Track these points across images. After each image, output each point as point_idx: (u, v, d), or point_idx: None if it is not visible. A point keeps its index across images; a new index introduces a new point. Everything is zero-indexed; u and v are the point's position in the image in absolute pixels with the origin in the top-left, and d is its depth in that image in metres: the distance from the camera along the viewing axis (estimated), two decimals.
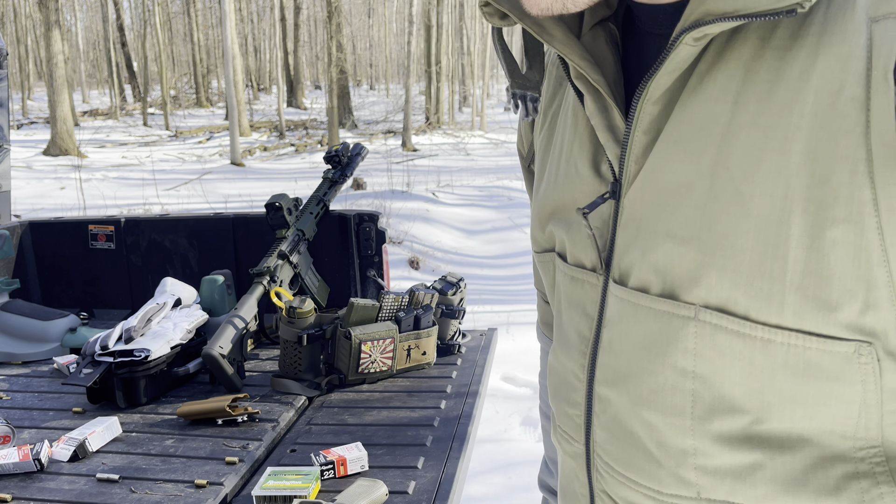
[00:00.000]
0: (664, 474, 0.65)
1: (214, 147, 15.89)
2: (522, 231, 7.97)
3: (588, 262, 0.70)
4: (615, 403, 0.67)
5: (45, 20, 14.14)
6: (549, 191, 0.75)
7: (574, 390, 0.73)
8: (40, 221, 2.61)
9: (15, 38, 29.35)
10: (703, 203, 0.59)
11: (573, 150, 0.71)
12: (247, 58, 33.97)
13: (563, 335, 0.74)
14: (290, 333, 1.86)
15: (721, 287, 0.58)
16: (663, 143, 0.61)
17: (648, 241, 0.62)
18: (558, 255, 0.76)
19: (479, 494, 2.83)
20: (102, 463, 1.49)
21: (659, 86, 0.61)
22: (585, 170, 0.69)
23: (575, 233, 0.71)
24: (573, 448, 0.75)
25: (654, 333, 0.63)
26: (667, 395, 0.63)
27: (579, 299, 0.71)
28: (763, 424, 0.59)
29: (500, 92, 36.85)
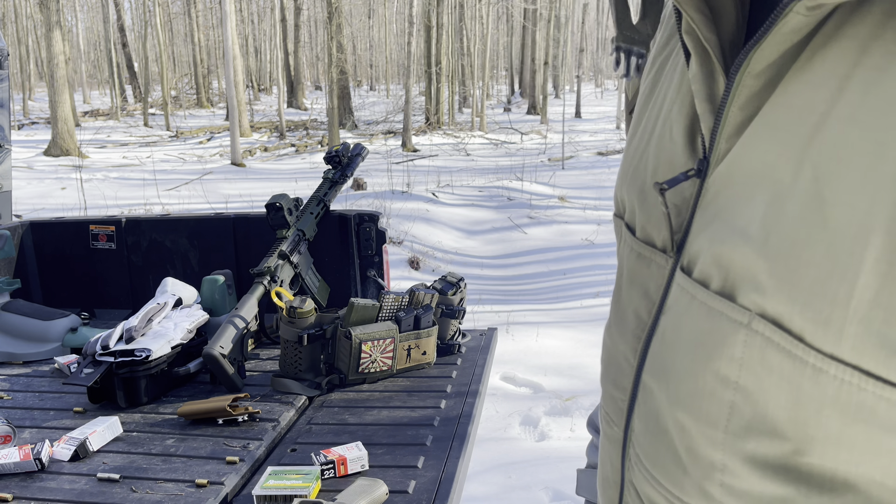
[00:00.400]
0: (688, 482, 0.61)
1: (215, 147, 15.90)
2: (522, 231, 7.97)
3: (659, 240, 0.64)
4: (656, 396, 0.64)
5: (46, 21, 14.15)
6: (638, 149, 0.69)
7: (622, 373, 0.69)
8: (41, 221, 2.61)
9: (16, 39, 29.36)
10: (780, 201, 0.52)
11: (672, 110, 0.64)
12: (247, 58, 33.99)
13: (620, 313, 0.70)
14: (291, 333, 1.86)
15: (778, 299, 0.52)
16: (757, 125, 0.55)
17: (719, 231, 0.56)
18: (626, 226, 0.70)
19: (479, 494, 2.83)
20: (103, 462, 1.50)
21: (763, 57, 0.53)
22: (679, 137, 0.62)
23: (650, 205, 0.65)
24: (612, 431, 0.72)
25: (703, 333, 0.58)
26: (703, 400, 0.58)
27: (643, 279, 0.66)
28: (804, 457, 0.53)
29: (500, 92, 36.85)
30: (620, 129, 17.92)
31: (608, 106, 26.73)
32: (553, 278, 6.39)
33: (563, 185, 10.36)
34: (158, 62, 23.84)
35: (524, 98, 28.27)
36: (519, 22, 27.24)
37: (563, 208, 8.92)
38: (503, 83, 43.07)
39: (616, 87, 24.85)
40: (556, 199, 9.36)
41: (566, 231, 7.90)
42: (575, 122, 19.96)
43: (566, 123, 15.08)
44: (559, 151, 13.54)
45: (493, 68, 40.73)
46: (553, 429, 3.37)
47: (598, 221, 8.13)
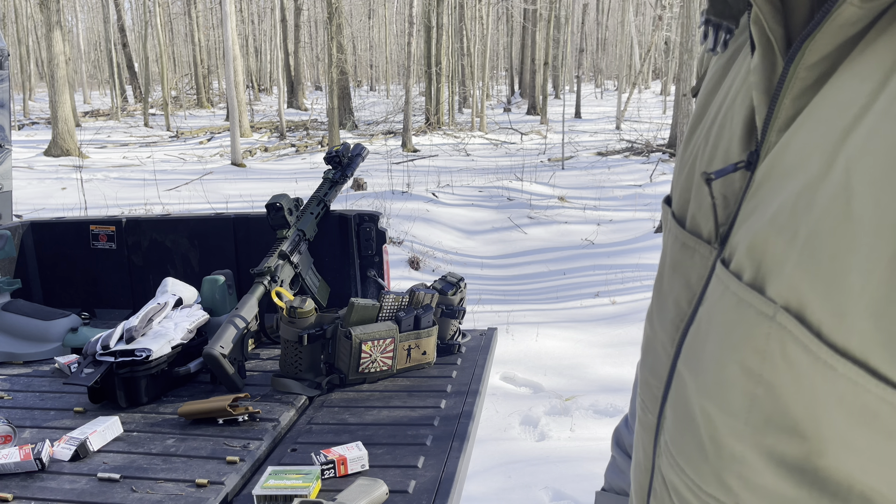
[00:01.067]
0: (708, 471, 0.61)
1: (215, 147, 15.91)
2: (522, 231, 7.97)
3: (706, 231, 0.63)
4: (687, 385, 0.64)
5: (47, 21, 14.15)
6: (699, 138, 0.68)
7: (659, 361, 0.69)
8: (42, 222, 2.61)
9: (16, 39, 29.37)
10: (811, 192, 0.51)
11: (736, 101, 0.63)
12: (247, 59, 33.99)
13: (661, 301, 0.70)
14: (291, 333, 1.86)
15: (802, 291, 0.51)
16: (804, 118, 0.54)
17: (755, 222, 0.56)
18: (672, 215, 0.70)
19: (478, 493, 2.83)
20: (103, 462, 1.50)
21: (817, 49, 0.53)
22: (738, 127, 0.61)
23: (702, 195, 0.64)
24: (647, 418, 0.72)
25: (732, 323, 0.58)
26: (727, 390, 0.58)
27: (685, 268, 0.66)
28: (822, 459, 0.52)
29: (500, 93, 36.85)
30: (620, 129, 17.91)
31: (608, 106, 26.73)
32: (553, 278, 6.39)
33: (562, 185, 10.36)
34: (159, 62, 23.85)
35: (524, 98, 28.27)
36: (519, 22, 27.24)
37: (562, 208, 8.92)
38: (503, 83, 43.07)
39: (615, 88, 24.88)
40: (556, 199, 9.36)
41: (566, 231, 7.90)
42: (575, 123, 19.96)
43: (566, 123, 15.08)
44: (559, 151, 13.54)
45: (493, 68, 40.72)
46: (553, 429, 3.38)
47: (598, 221, 8.14)
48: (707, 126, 0.67)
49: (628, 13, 27.27)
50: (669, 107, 22.47)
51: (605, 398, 3.69)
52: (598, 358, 4.21)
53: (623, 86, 21.61)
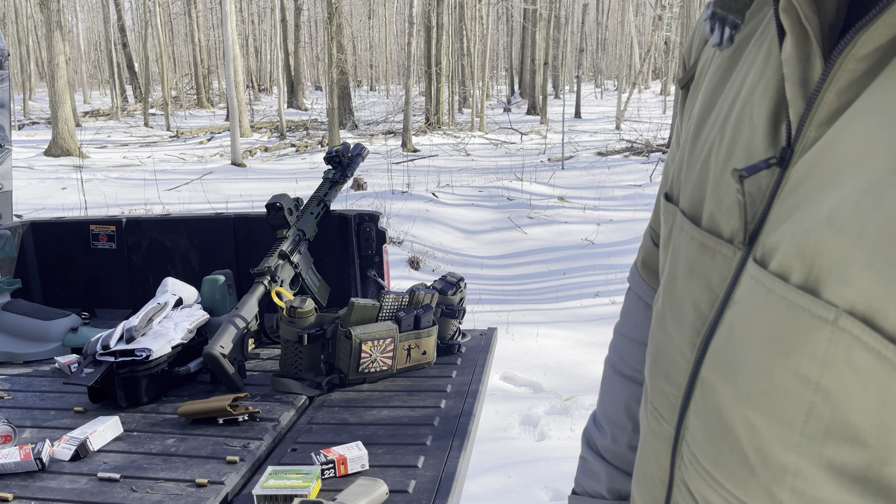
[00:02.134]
0: (755, 486, 0.57)
1: (215, 147, 15.91)
2: (522, 231, 7.97)
3: (727, 231, 0.61)
4: (720, 393, 0.60)
5: (47, 21, 14.15)
6: (711, 133, 0.64)
7: (677, 368, 0.66)
8: (42, 221, 2.61)
9: (16, 39, 29.37)
10: (877, 187, 0.48)
11: (755, 94, 0.61)
12: (248, 58, 34.00)
13: (675, 305, 0.67)
14: (291, 333, 1.86)
15: (872, 293, 0.48)
16: (856, 110, 0.51)
17: (803, 221, 0.53)
18: (683, 213, 0.66)
19: (478, 493, 2.83)
20: (104, 462, 1.50)
21: (871, 40, 0.50)
22: (761, 121, 0.59)
23: (722, 193, 0.61)
24: (661, 428, 0.69)
25: (782, 328, 0.54)
26: (779, 400, 0.54)
27: (704, 270, 0.63)
28: (886, 468, 0.50)
29: (500, 92, 36.84)
30: (620, 129, 17.91)
31: (608, 106, 26.73)
32: (553, 278, 6.39)
33: (562, 185, 10.36)
34: (159, 62, 23.85)
35: (524, 98, 28.27)
36: (519, 22, 27.24)
37: (562, 208, 8.92)
38: (503, 83, 43.07)
39: (615, 88, 24.85)
40: (556, 199, 9.36)
41: (566, 231, 7.90)
42: (575, 123, 19.97)
43: (566, 123, 15.08)
44: (559, 151, 13.54)
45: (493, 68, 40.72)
46: (553, 428, 3.38)
47: (598, 221, 8.14)
48: (719, 121, 0.65)
49: (628, 13, 27.26)
50: (669, 107, 22.47)
51: None
52: (598, 358, 4.21)
53: (623, 86, 21.62)
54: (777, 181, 0.56)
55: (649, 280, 0.91)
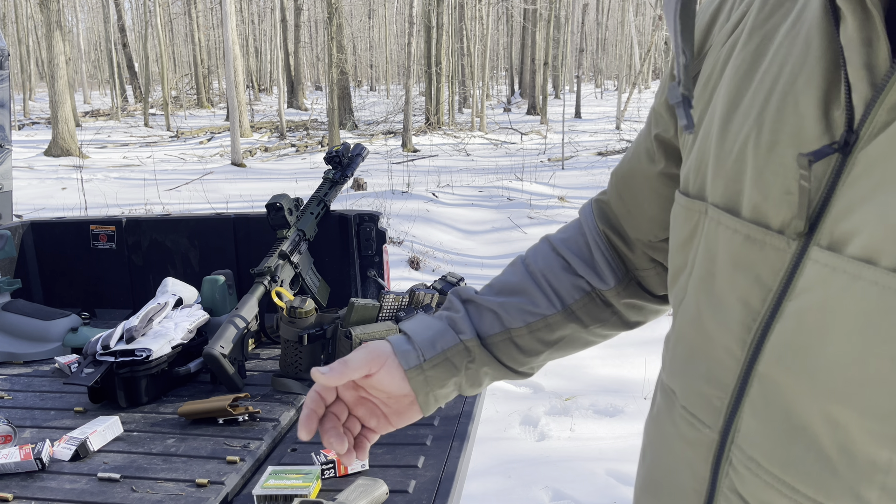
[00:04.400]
0: (837, 486, 0.54)
1: (215, 147, 15.91)
2: (522, 231, 7.97)
3: (777, 220, 0.58)
4: (788, 390, 0.57)
5: (47, 21, 14.16)
6: (744, 126, 0.62)
7: (722, 368, 0.62)
8: (42, 222, 2.61)
9: (16, 39, 29.38)
10: None
11: (797, 82, 0.59)
12: (248, 58, 34.00)
13: (715, 302, 0.63)
14: (291, 333, 1.86)
15: None
16: None
17: (891, 203, 0.51)
18: (717, 207, 0.64)
19: (478, 493, 2.83)
20: (104, 462, 1.50)
21: None
22: (810, 109, 0.57)
23: (767, 183, 0.59)
24: (697, 434, 0.65)
25: (875, 314, 0.51)
26: (872, 390, 0.51)
27: (752, 263, 0.60)
28: None
29: (500, 92, 36.85)
30: (621, 129, 17.91)
31: (608, 106, 26.73)
32: None
33: (562, 185, 10.36)
34: (159, 62, 23.85)
35: (524, 98, 28.26)
36: (519, 22, 27.23)
37: (562, 208, 8.92)
38: (503, 83, 43.07)
39: (615, 88, 24.84)
40: (556, 199, 9.36)
41: None
42: (575, 123, 19.97)
43: (566, 123, 15.09)
44: (559, 151, 13.54)
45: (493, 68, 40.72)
46: (553, 429, 3.38)
47: None
48: (753, 114, 0.62)
49: (628, 13, 27.26)
50: None
51: (604, 398, 3.69)
52: (597, 358, 4.21)
53: (623, 86, 21.62)
54: (838, 167, 0.54)
55: (596, 212, 0.90)
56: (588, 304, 0.89)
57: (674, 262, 0.72)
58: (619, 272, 0.88)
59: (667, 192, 0.81)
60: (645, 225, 0.85)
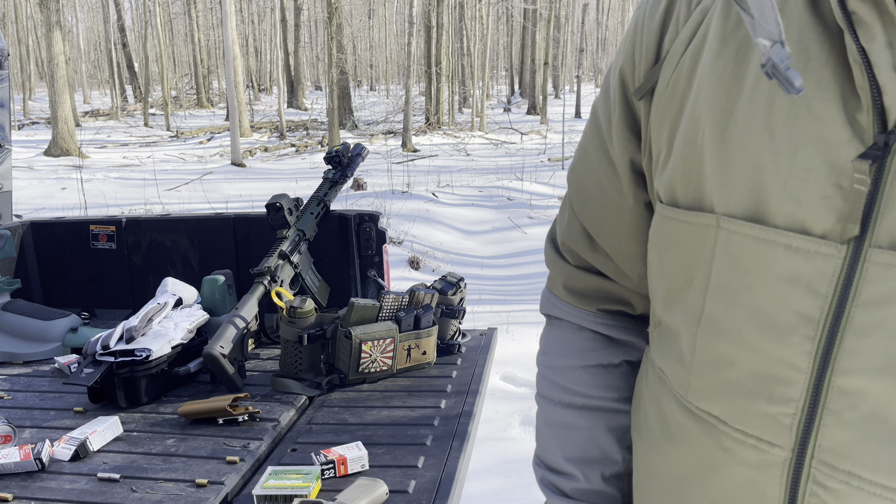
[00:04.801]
0: None
1: (215, 147, 15.91)
2: (522, 231, 7.97)
3: (819, 226, 0.57)
4: (879, 397, 0.55)
5: (46, 21, 14.15)
6: (749, 134, 0.61)
7: (784, 383, 0.60)
8: (42, 221, 2.61)
9: (16, 39, 29.38)
10: None
11: (806, 89, 0.58)
12: (247, 58, 34.01)
13: (761, 316, 0.61)
14: (291, 333, 1.86)
15: None
16: None
17: None
18: (735, 218, 0.62)
19: (478, 493, 2.83)
20: (103, 462, 1.50)
21: None
22: (832, 113, 0.56)
23: (798, 188, 0.57)
24: (764, 456, 0.62)
25: None
26: None
27: (799, 273, 0.58)
28: None
29: (500, 92, 36.86)
30: None
31: None
32: None
33: (562, 185, 10.36)
34: (158, 62, 23.85)
35: (524, 98, 28.27)
36: (519, 22, 27.24)
37: None
38: (503, 83, 43.07)
39: None
40: (556, 199, 9.36)
41: None
42: (575, 122, 19.96)
43: (566, 123, 15.08)
44: (559, 151, 13.54)
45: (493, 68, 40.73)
46: None
47: None
48: (758, 118, 0.61)
49: (628, 13, 27.26)
50: None
51: None
52: None
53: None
54: (878, 168, 0.54)
55: (577, 302, 0.87)
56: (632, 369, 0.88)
57: (670, 279, 0.69)
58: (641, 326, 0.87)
59: (647, 220, 0.78)
60: (635, 265, 0.82)
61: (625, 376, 0.86)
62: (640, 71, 0.73)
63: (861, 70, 0.55)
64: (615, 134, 0.77)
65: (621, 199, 0.79)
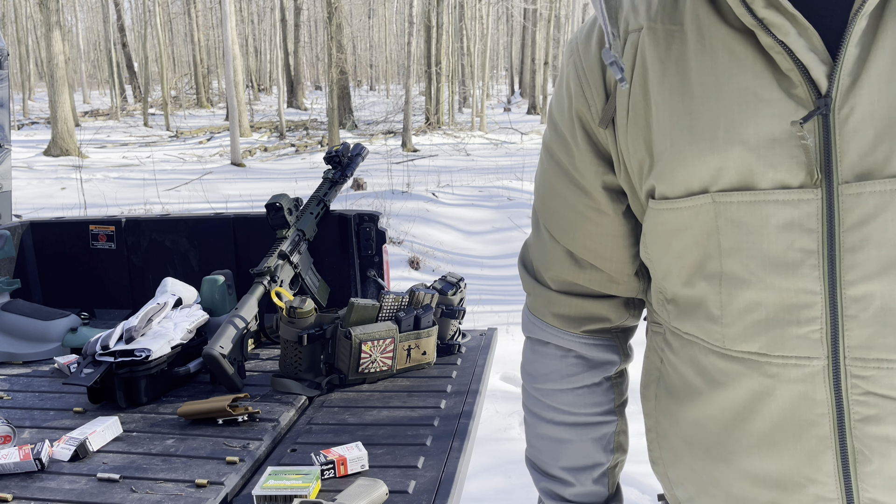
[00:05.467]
0: None
1: (215, 147, 15.91)
2: (522, 231, 7.97)
3: (795, 179, 0.71)
4: (884, 294, 0.69)
5: (46, 21, 14.15)
6: (715, 125, 0.74)
7: (805, 307, 0.72)
8: (41, 221, 2.61)
9: (16, 39, 29.37)
10: None
11: (745, 81, 0.73)
12: (247, 58, 33.99)
13: (771, 259, 0.73)
14: (291, 333, 1.86)
15: None
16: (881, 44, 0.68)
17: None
18: (726, 191, 0.75)
19: (478, 494, 2.83)
20: (103, 462, 1.50)
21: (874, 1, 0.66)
22: (773, 93, 0.71)
23: (770, 155, 0.71)
24: (806, 370, 0.74)
25: None
26: None
27: (790, 219, 0.72)
28: None
29: (500, 92, 36.85)
30: None
31: None
32: None
33: None
34: (158, 62, 23.84)
35: (524, 98, 28.27)
36: (519, 22, 27.24)
37: None
38: (503, 83, 43.07)
39: None
40: None
41: None
42: None
43: None
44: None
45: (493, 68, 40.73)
46: None
47: None
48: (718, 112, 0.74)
49: None
50: None
51: None
52: None
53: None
54: (825, 125, 0.70)
55: (564, 325, 0.97)
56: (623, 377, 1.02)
57: (685, 258, 0.80)
58: (624, 345, 1.00)
59: (630, 224, 0.90)
60: (625, 266, 0.93)
61: (605, 392, 0.99)
62: (595, 108, 0.85)
63: (784, 57, 0.70)
64: (582, 165, 0.88)
65: (600, 217, 0.90)
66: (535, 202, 0.99)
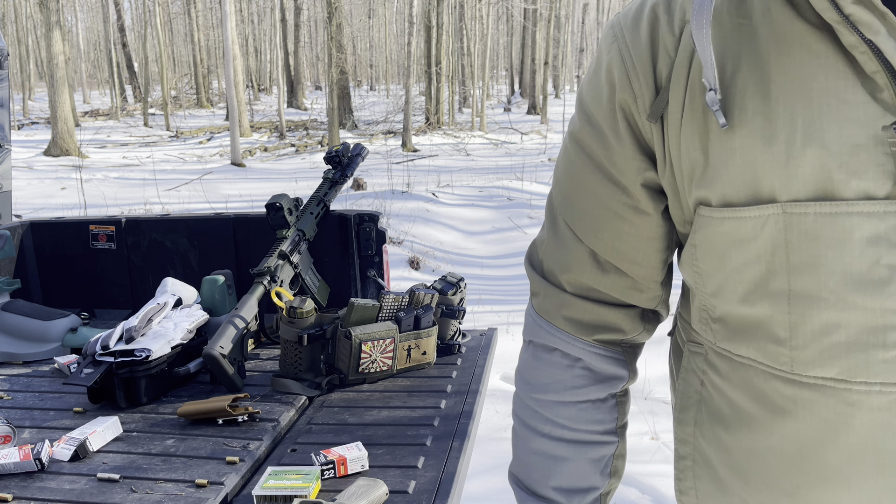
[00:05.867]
0: None
1: (215, 147, 15.91)
2: (522, 231, 7.97)
3: (881, 190, 0.65)
4: None
5: (46, 21, 14.15)
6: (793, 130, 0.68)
7: (892, 329, 0.67)
8: (41, 221, 2.61)
9: (16, 39, 29.37)
10: None
11: (826, 81, 0.67)
12: (247, 58, 34.00)
13: (855, 279, 0.67)
14: (291, 333, 1.86)
15: None
16: None
17: None
18: (801, 202, 0.68)
19: (479, 494, 2.83)
20: (103, 462, 1.50)
21: None
22: (857, 96, 0.65)
23: (854, 162, 0.65)
24: (890, 397, 0.68)
25: None
26: None
27: (876, 233, 0.65)
28: None
29: (500, 92, 36.85)
30: None
31: None
32: None
33: None
34: (158, 62, 23.85)
35: (524, 98, 28.27)
36: (519, 22, 27.24)
37: None
38: (503, 83, 43.08)
39: None
40: None
41: None
42: None
43: (566, 123, 15.07)
44: (559, 151, 13.52)
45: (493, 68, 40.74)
46: None
47: None
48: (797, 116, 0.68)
49: None
50: None
51: None
52: None
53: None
54: None
55: (576, 331, 0.90)
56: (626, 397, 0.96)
57: (746, 273, 0.73)
58: (633, 361, 0.94)
59: (667, 227, 0.84)
60: (654, 272, 0.87)
61: (609, 410, 0.92)
62: (643, 101, 0.77)
63: (870, 57, 0.64)
64: (621, 160, 0.81)
65: (637, 216, 0.83)
66: (554, 198, 0.91)
